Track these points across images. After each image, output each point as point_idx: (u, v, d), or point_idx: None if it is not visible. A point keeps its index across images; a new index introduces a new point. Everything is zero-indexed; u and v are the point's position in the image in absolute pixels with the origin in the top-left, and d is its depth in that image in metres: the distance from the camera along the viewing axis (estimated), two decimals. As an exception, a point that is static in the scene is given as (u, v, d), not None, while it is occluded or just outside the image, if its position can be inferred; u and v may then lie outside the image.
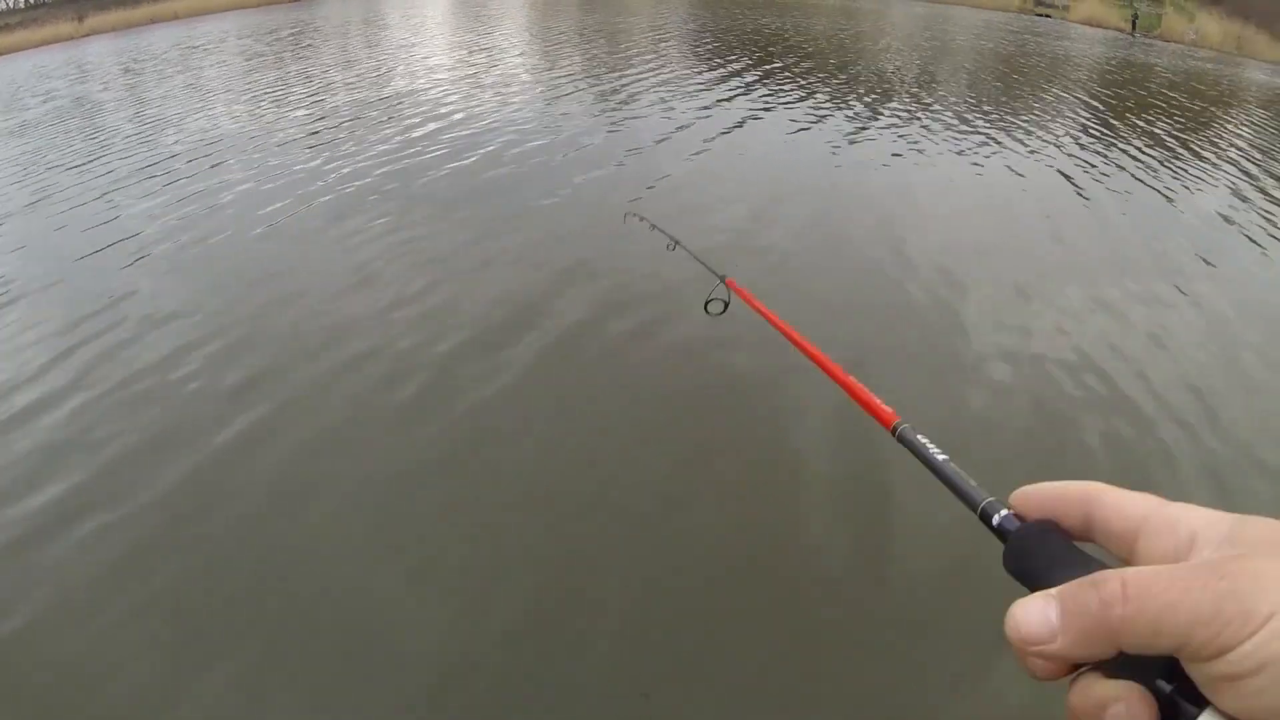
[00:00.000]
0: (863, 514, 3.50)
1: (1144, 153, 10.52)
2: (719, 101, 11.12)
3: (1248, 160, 11.13)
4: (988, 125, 11.02)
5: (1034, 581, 0.46)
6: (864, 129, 10.07)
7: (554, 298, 5.34)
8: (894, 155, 8.99)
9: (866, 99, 12.06)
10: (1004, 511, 0.52)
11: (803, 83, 13.06)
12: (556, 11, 25.26)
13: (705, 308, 2.05)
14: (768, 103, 11.18)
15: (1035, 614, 0.41)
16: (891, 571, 3.20)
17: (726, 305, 2.03)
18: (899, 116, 10.96)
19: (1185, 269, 6.57)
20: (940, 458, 0.63)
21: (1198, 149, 11.60)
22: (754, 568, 3.20)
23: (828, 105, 11.33)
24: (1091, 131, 11.60)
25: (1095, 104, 14.37)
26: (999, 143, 10.12)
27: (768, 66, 14.35)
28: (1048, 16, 40.01)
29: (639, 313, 5.15)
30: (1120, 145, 10.81)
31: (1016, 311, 5.52)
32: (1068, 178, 8.79)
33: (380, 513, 3.46)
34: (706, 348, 4.71)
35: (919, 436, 0.67)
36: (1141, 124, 12.78)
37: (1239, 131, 13.94)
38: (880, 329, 5.13)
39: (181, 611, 3.00)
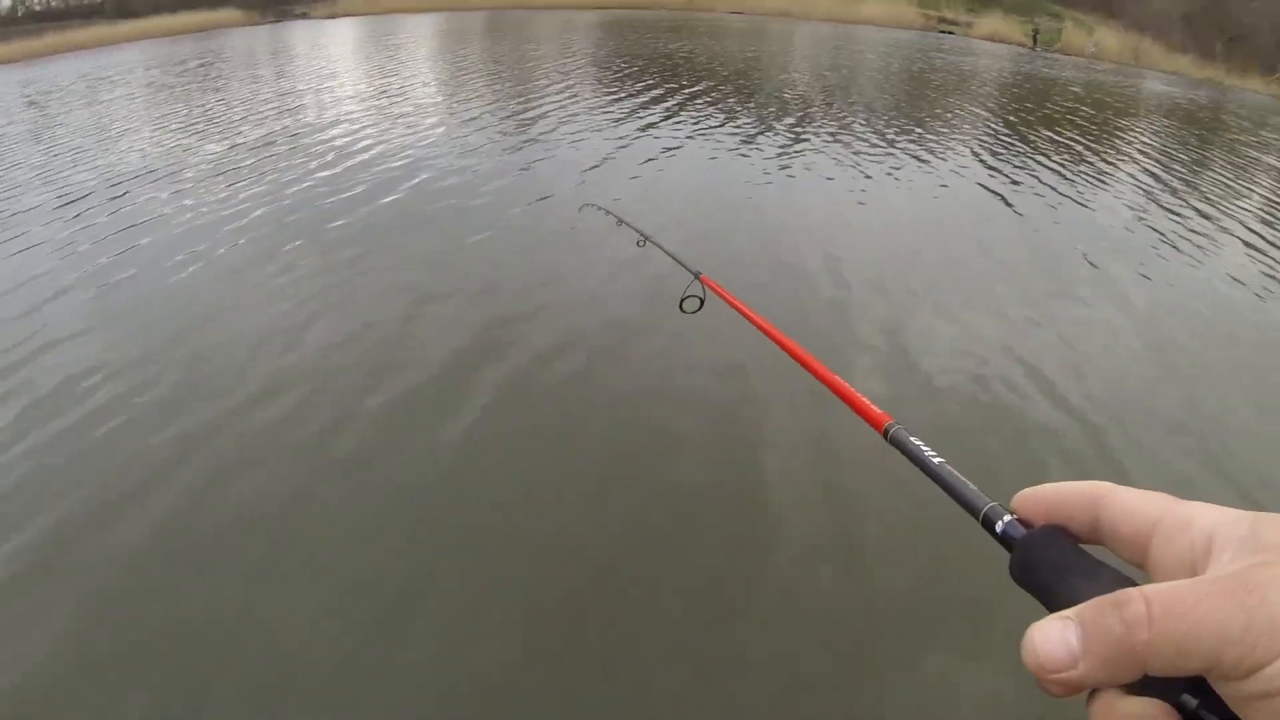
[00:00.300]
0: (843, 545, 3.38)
1: (1059, 164, 10.83)
2: (640, 129, 11.05)
3: (1155, 165, 11.58)
4: (908, 143, 11.20)
5: (1045, 593, 0.44)
6: (785, 151, 10.11)
7: (497, 333, 5.11)
8: (826, 178, 9.03)
9: (787, 121, 12.15)
10: (1007, 518, 0.50)
11: (721, 107, 13.11)
12: (464, 40, 25.12)
13: (680, 306, 2.01)
14: (689, 129, 11.16)
15: (1054, 639, 0.38)
16: (879, 603, 3.09)
17: (702, 302, 1.98)
18: (821, 138, 11.05)
19: (1108, 273, 6.72)
20: (936, 460, 0.61)
21: (1107, 158, 12.02)
22: (734, 614, 3.04)
23: (749, 129, 11.36)
24: (1009, 146, 11.90)
25: (1009, 118, 14.80)
26: (921, 159, 10.28)
27: (686, 92, 14.39)
28: (951, 33, 41.45)
29: (591, 347, 4.97)
30: (1036, 157, 11.11)
31: (952, 323, 5.55)
32: (990, 190, 8.96)
33: (330, 573, 3.19)
34: (663, 387, 4.56)
35: (913, 439, 0.66)
36: (1054, 136, 13.19)
37: (1144, 139, 14.48)
38: (821, 351, 5.04)
39: (138, 685, 2.73)
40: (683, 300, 2.01)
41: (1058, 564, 0.44)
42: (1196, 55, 40.13)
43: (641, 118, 11.76)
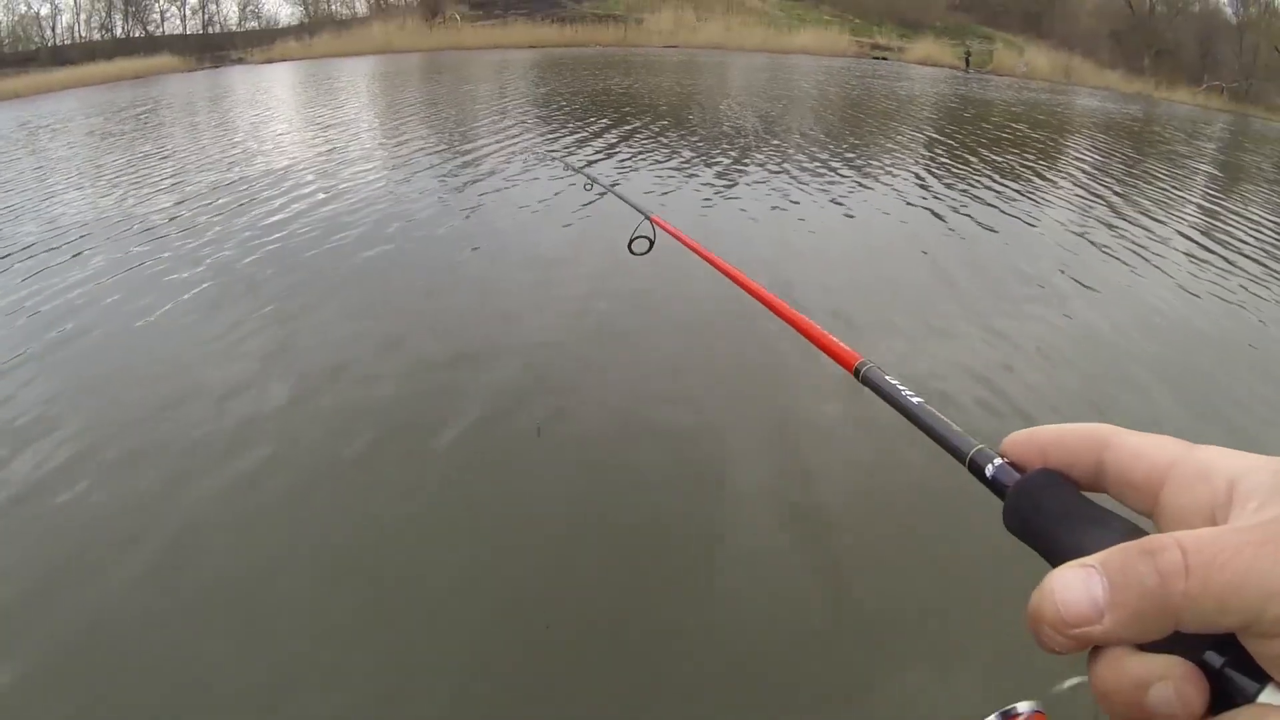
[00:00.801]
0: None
1: (999, 183, 11.07)
2: (586, 164, 11.05)
3: (1096, 178, 11.90)
4: (852, 171, 11.32)
5: (1048, 543, 0.41)
6: (734, 184, 10.16)
7: (454, 382, 4.97)
8: (772, 208, 9.04)
9: (732, 153, 12.22)
10: (998, 461, 0.46)
11: (664, 141, 13.17)
12: (403, 83, 25.03)
13: (629, 247, 2.00)
14: (634, 163, 11.16)
15: (1077, 588, 0.35)
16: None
17: (652, 243, 1.98)
18: (767, 168, 11.11)
19: (1060, 288, 6.82)
20: (915, 400, 0.57)
21: (1046, 174, 12.34)
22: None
23: (695, 163, 11.39)
24: (948, 167, 12.13)
25: (947, 139, 15.13)
26: (866, 186, 10.39)
27: (626, 127, 14.44)
28: (884, 59, 42.58)
29: (550, 399, 4.86)
30: (976, 177, 11.33)
31: (907, 342, 5.58)
32: (937, 215, 9.06)
33: (301, 646, 3.03)
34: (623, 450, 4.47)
35: (889, 378, 0.62)
36: (993, 155, 13.52)
37: (1083, 154, 14.90)
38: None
39: None
40: (632, 241, 2.00)
41: (1062, 511, 0.41)
42: (1125, 70, 41.74)
43: (581, 154, 11.77)
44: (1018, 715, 0.97)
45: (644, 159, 11.53)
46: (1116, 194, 11.10)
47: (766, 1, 54.52)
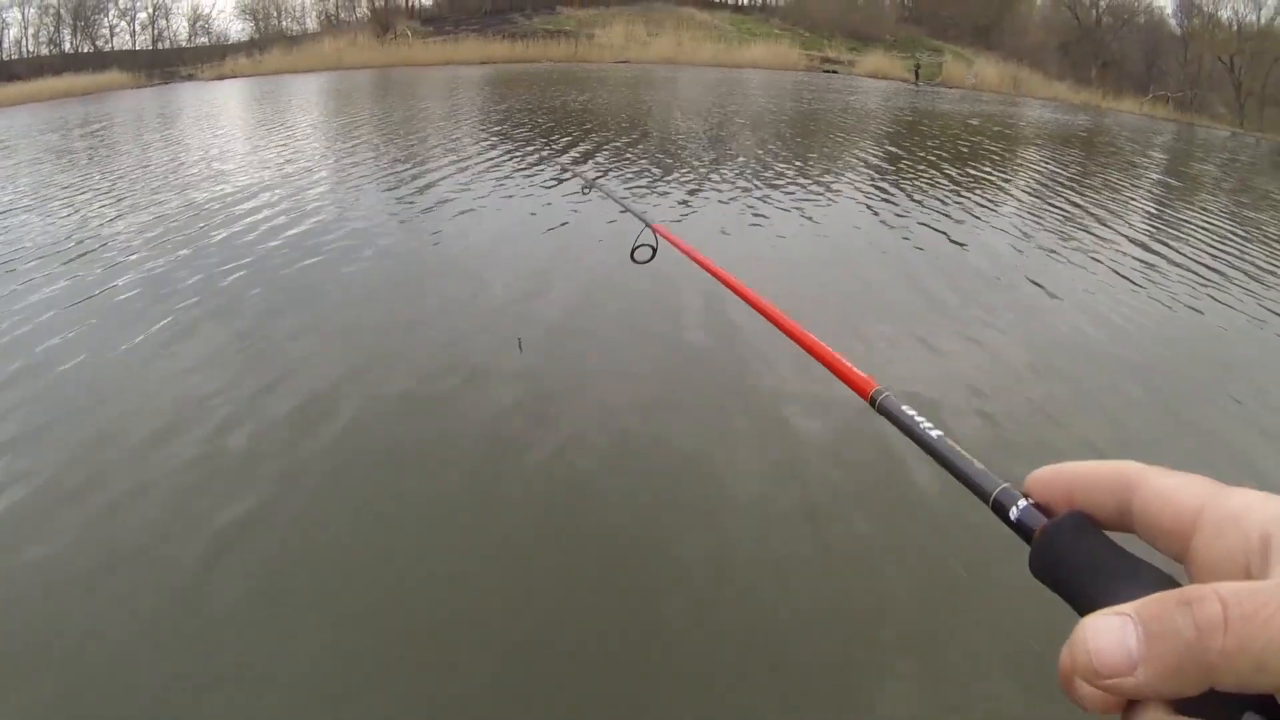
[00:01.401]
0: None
1: (955, 192, 11.24)
2: (550, 182, 10.97)
3: (1047, 189, 12.12)
4: (817, 186, 11.38)
5: (1076, 593, 0.40)
6: (697, 204, 10.19)
7: (443, 399, 4.84)
8: (750, 225, 9.05)
9: (699, 169, 12.24)
10: (1023, 502, 0.46)
11: (630, 157, 13.18)
12: (351, 101, 24.75)
13: (631, 255, 1.99)
14: (628, 186, 11.09)
15: (1111, 636, 0.34)
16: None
17: (655, 252, 1.98)
18: (735, 185, 11.14)
19: (1025, 299, 6.92)
20: (934, 434, 0.56)
21: (1000, 183, 12.57)
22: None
23: (663, 178, 11.40)
24: (904, 177, 12.28)
25: (897, 149, 15.34)
26: (822, 197, 10.48)
27: (588, 144, 14.41)
28: (835, 72, 43.21)
29: (543, 411, 4.78)
30: (932, 187, 11.49)
31: (870, 349, 5.61)
32: (905, 236, 9.14)
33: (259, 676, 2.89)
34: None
35: (905, 408, 0.60)
36: (948, 166, 13.71)
37: (1040, 164, 15.20)
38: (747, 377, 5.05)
39: None
40: (634, 250, 1.99)
41: (1092, 559, 0.40)
42: (1073, 81, 42.89)
43: (544, 174, 11.71)
44: None
45: (616, 175, 11.53)
46: (1072, 204, 11.34)
47: (717, 15, 55.13)
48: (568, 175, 10.95)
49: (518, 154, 13.24)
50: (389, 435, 4.52)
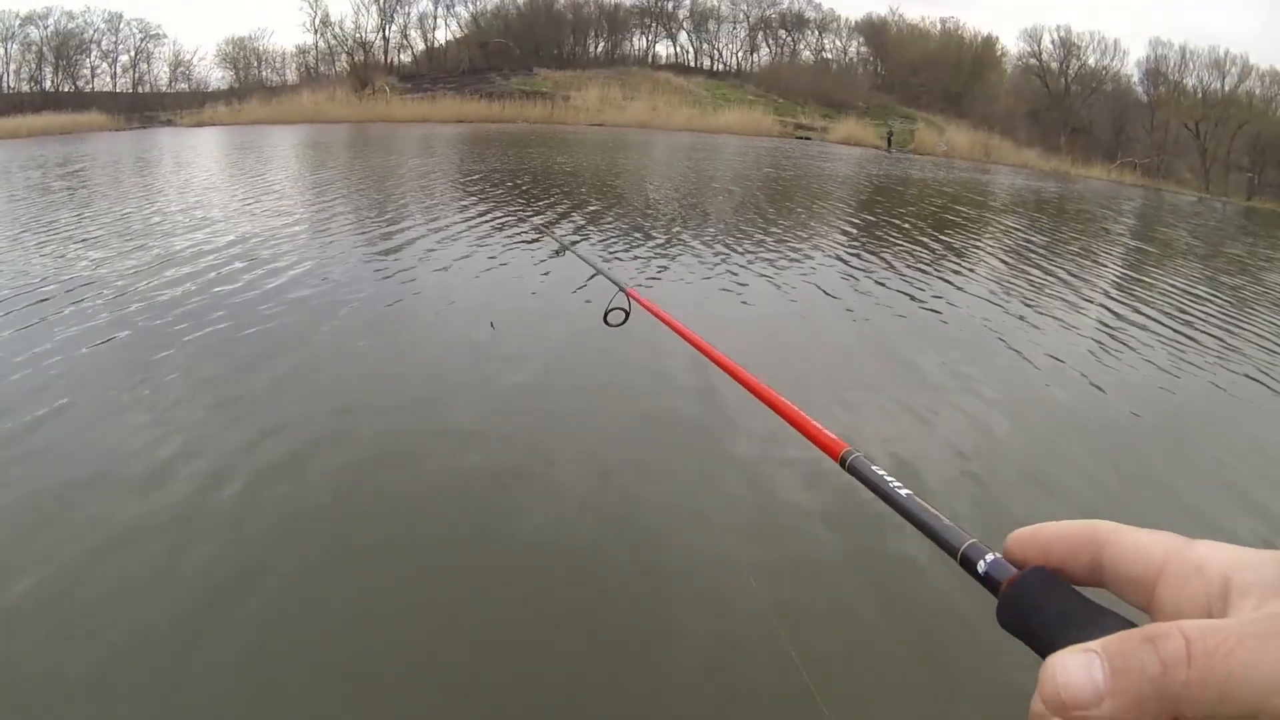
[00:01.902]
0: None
1: (926, 259, 11.36)
2: (525, 243, 10.94)
3: (1019, 256, 12.31)
4: (792, 252, 11.44)
5: (1043, 643, 0.41)
6: (672, 268, 10.22)
7: (416, 454, 4.74)
8: (723, 290, 9.05)
9: (675, 232, 12.27)
10: (990, 556, 0.47)
11: (606, 220, 13.21)
12: (331, 154, 24.78)
13: (605, 319, 2.01)
14: (603, 250, 11.11)
15: (1078, 671, 0.36)
16: None
17: (627, 315, 2.00)
18: (711, 249, 11.19)
19: (1000, 365, 6.92)
20: (903, 492, 0.58)
21: (980, 250, 12.73)
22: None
23: (645, 244, 11.42)
24: (880, 243, 12.42)
25: (886, 219, 15.55)
26: (806, 265, 10.52)
27: (564, 206, 14.44)
28: (808, 139, 44.05)
29: (513, 468, 4.71)
30: (909, 256, 11.61)
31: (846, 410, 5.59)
32: (881, 302, 9.21)
33: None
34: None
35: (875, 468, 0.62)
36: (920, 232, 13.91)
37: (1013, 230, 15.47)
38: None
39: None
40: (607, 313, 2.01)
41: (1059, 610, 0.42)
42: (1042, 148, 43.98)
43: (519, 235, 11.71)
44: None
45: (585, 239, 11.58)
46: (1044, 270, 11.49)
47: (692, 80, 56.23)
48: (542, 237, 10.98)
49: (494, 214, 13.26)
50: (359, 491, 4.40)
